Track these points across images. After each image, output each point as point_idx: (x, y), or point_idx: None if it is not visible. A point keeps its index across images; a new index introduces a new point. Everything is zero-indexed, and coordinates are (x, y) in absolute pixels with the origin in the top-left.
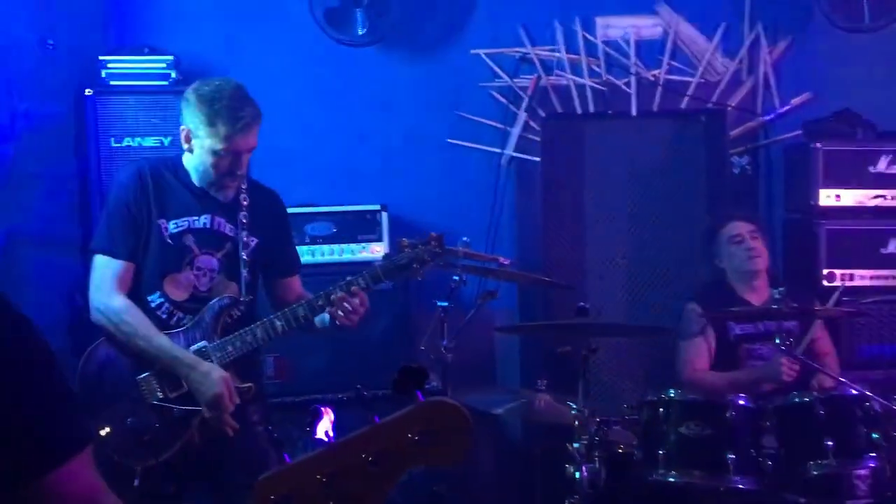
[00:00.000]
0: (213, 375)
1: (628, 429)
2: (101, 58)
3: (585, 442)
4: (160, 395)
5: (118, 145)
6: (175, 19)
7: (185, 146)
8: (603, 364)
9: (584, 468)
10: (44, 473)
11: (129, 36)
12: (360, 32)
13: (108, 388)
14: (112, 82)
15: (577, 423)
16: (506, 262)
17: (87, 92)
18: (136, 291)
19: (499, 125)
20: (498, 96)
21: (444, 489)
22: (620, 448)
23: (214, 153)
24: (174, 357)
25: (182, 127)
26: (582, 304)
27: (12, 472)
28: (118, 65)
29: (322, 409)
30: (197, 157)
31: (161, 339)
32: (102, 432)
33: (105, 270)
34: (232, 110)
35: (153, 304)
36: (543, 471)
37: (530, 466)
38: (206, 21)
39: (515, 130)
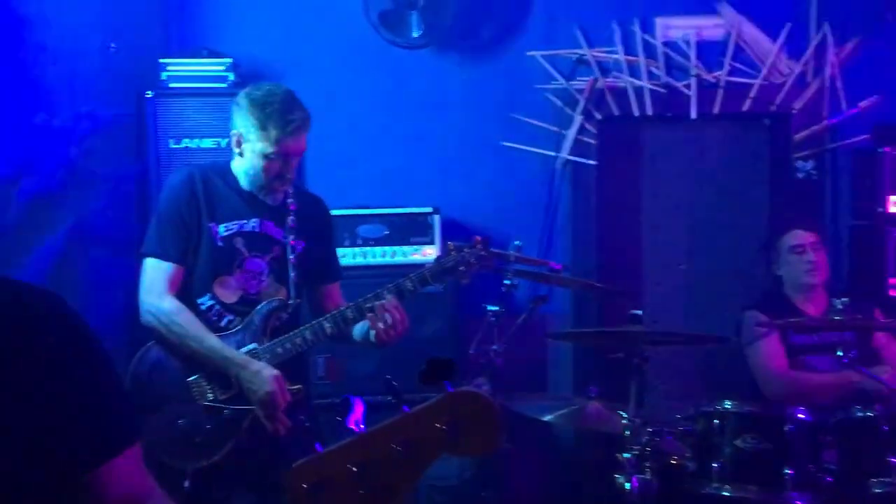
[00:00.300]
0: (265, 374)
1: (681, 440)
2: (161, 60)
3: (636, 452)
4: (210, 396)
5: (177, 146)
6: (234, 22)
7: (236, 150)
8: (658, 372)
9: (634, 479)
10: (93, 467)
11: (189, 39)
12: (415, 35)
13: (159, 389)
14: (172, 85)
15: (627, 432)
16: (557, 267)
17: (148, 94)
18: (186, 294)
19: (554, 128)
20: (553, 99)
21: (492, 495)
22: (674, 460)
23: (265, 156)
24: (225, 357)
25: (233, 131)
26: (634, 310)
27: (62, 465)
28: (178, 67)
29: (353, 399)
30: (247, 160)
31: (212, 340)
32: (152, 434)
33: (155, 273)
34: (283, 114)
35: (203, 307)
36: (593, 480)
37: (580, 475)
38: (263, 24)
39: (571, 133)
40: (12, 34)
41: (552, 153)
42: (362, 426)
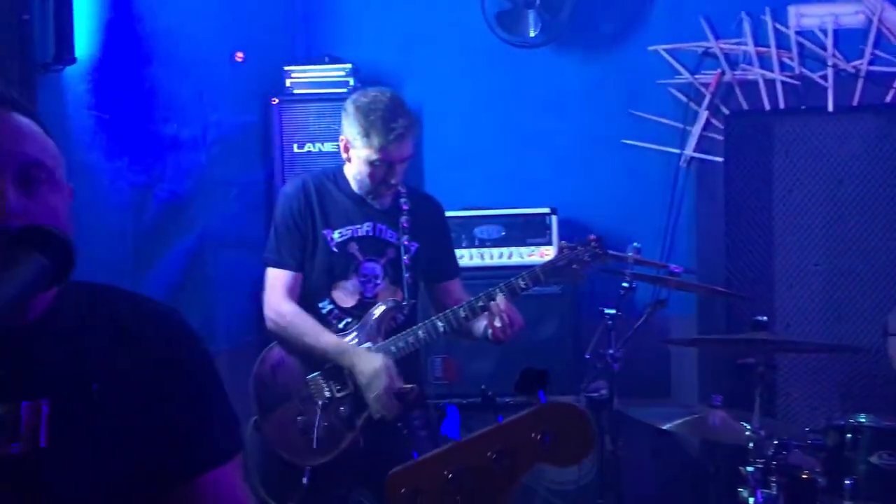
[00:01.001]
0: (375, 360)
1: (810, 454)
2: (285, 68)
3: (761, 465)
4: (328, 394)
5: (300, 151)
6: (354, 28)
7: (344, 156)
8: (791, 380)
9: (758, 493)
10: (195, 477)
11: (313, 46)
12: (533, 34)
13: (280, 388)
14: (295, 91)
15: (752, 444)
16: (678, 271)
17: (274, 101)
18: (308, 299)
19: (678, 124)
20: (677, 94)
21: (609, 503)
22: (803, 474)
23: (369, 163)
24: (340, 351)
25: (341, 137)
26: (759, 317)
27: (166, 473)
28: (301, 74)
29: (449, 407)
30: (354, 166)
31: (328, 336)
32: (273, 431)
33: (275, 281)
34: (386, 122)
35: (324, 311)
36: (715, 492)
37: (701, 487)
38: (382, 28)
39: (696, 129)
40: (145, 49)
41: (675, 150)
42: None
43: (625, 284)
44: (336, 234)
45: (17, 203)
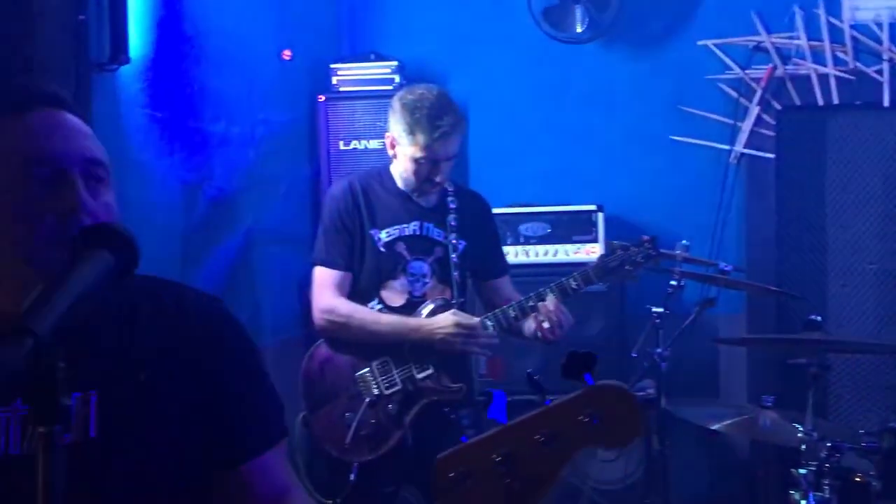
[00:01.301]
0: (441, 316)
1: (864, 457)
2: (332, 66)
3: (814, 468)
4: (376, 391)
5: (346, 148)
6: (400, 25)
7: (391, 153)
8: (844, 381)
9: (811, 496)
10: (239, 464)
11: (359, 44)
12: (580, 29)
13: (328, 384)
14: (342, 88)
15: (804, 446)
16: (727, 269)
17: (320, 98)
18: (356, 300)
19: (728, 120)
20: (727, 89)
21: (656, 502)
22: (857, 477)
23: (414, 161)
24: (410, 328)
25: (387, 134)
26: (813, 316)
27: (209, 461)
28: (347, 72)
29: (496, 392)
30: (400, 163)
31: (390, 316)
32: (321, 427)
33: (325, 280)
34: (431, 119)
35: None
36: (765, 495)
37: (751, 489)
38: (428, 25)
39: (746, 125)
40: (195, 48)
41: (725, 146)
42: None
43: (673, 282)
44: (383, 234)
45: (88, 201)
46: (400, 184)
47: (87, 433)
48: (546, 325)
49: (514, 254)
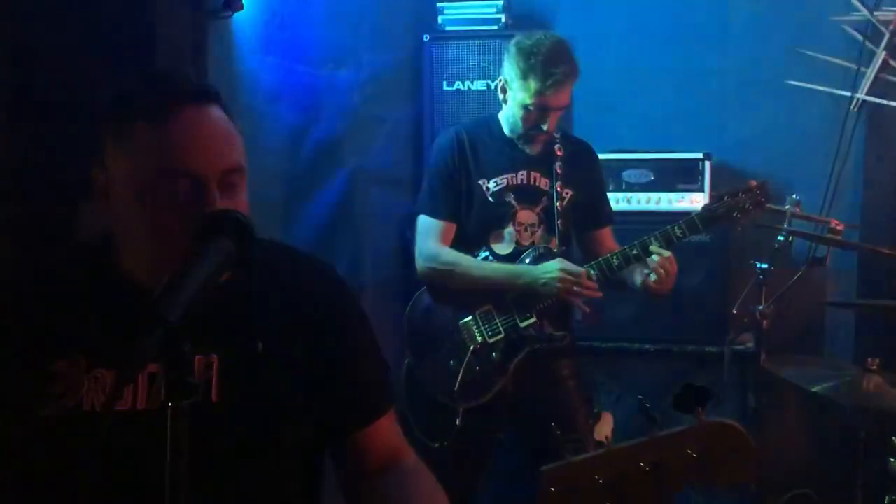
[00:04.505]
0: (547, 264)
1: None
2: (438, 4)
3: None
4: (479, 339)
5: (450, 89)
6: None
7: (501, 96)
8: None
9: None
10: (352, 432)
11: None
12: None
13: (432, 332)
14: (447, 28)
15: None
16: (839, 228)
17: (425, 38)
18: (464, 250)
19: (851, 65)
20: (852, 32)
21: None
22: None
23: (524, 107)
24: (515, 274)
25: (500, 78)
26: None
27: (323, 429)
28: (453, 11)
29: (603, 413)
30: (509, 108)
31: (495, 264)
32: (426, 374)
33: (428, 229)
34: (545, 66)
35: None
36: (865, 460)
37: (850, 453)
38: None
39: (871, 71)
40: None
41: (846, 93)
42: (610, 439)
43: (780, 238)
44: (492, 184)
45: (221, 206)
46: (507, 130)
47: (210, 395)
48: (654, 277)
49: (616, 201)
